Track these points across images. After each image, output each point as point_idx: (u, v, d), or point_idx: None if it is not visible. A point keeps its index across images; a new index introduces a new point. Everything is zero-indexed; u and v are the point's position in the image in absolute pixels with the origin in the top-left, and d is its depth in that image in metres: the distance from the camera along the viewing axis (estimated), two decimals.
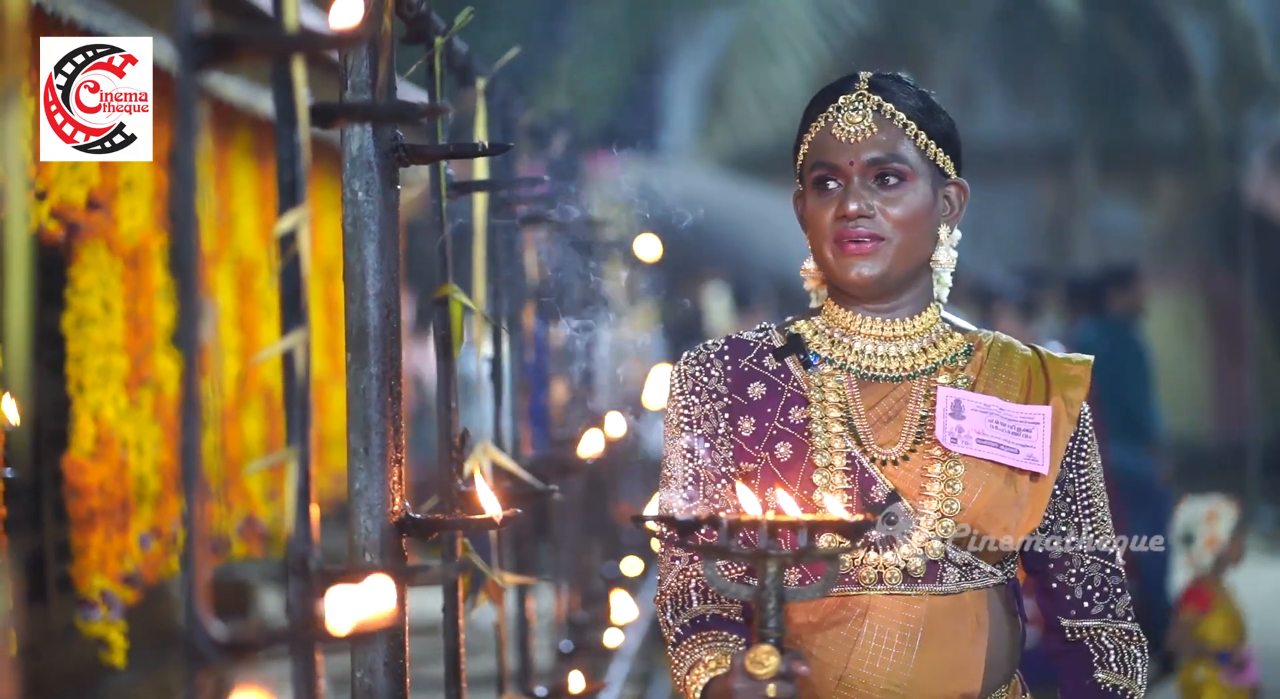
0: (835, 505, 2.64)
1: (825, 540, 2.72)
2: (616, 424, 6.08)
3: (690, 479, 2.93)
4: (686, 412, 2.95)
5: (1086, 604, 2.98)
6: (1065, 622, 2.99)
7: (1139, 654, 2.98)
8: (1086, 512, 2.98)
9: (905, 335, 2.97)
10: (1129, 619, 3.00)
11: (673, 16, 16.99)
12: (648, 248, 6.96)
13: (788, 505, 2.57)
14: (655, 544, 2.98)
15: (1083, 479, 2.98)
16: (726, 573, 2.90)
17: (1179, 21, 17.07)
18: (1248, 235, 16.95)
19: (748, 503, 2.59)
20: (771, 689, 2.47)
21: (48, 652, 5.75)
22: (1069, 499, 2.97)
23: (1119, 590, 3.00)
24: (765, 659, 2.45)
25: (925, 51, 16.84)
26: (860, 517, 2.54)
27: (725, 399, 2.94)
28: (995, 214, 18.08)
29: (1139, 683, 2.96)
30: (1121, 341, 10.29)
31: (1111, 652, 2.97)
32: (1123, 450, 9.81)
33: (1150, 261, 16.24)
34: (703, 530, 2.62)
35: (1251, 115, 17.26)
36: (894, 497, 2.85)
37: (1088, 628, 2.98)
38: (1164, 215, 18.53)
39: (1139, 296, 10.87)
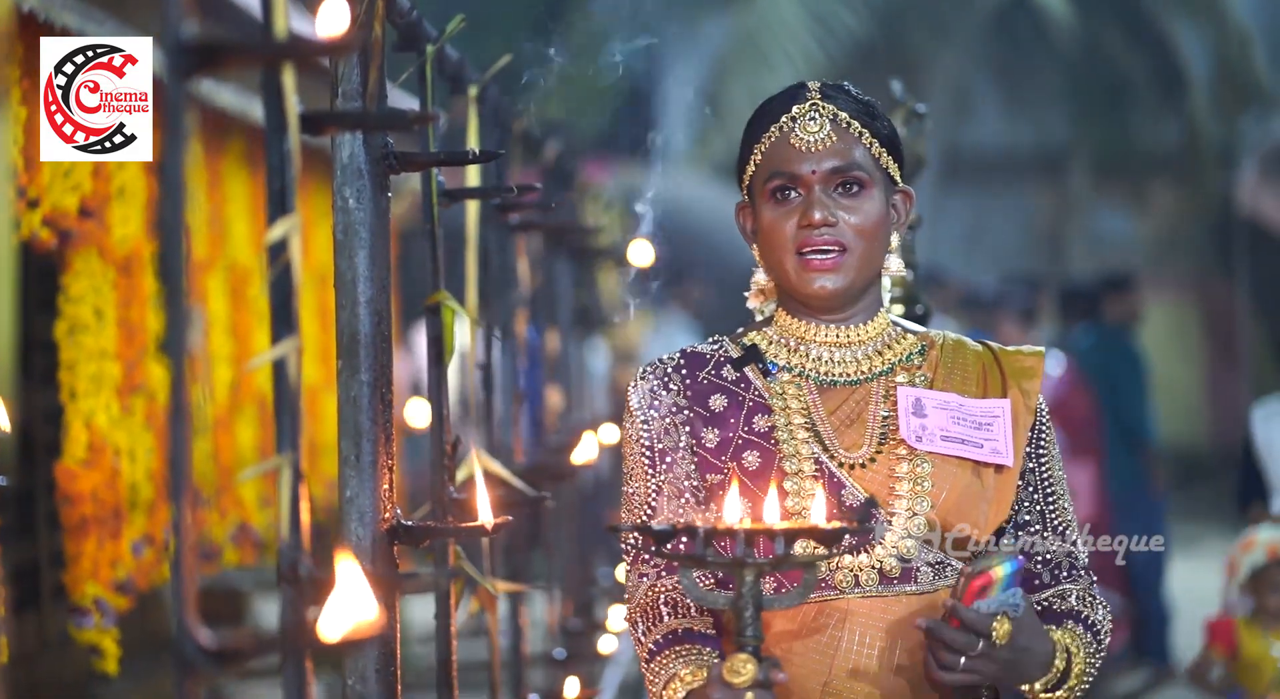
0: (818, 511, 2.65)
1: (800, 547, 2.73)
2: (610, 432, 6.09)
3: (653, 494, 2.94)
4: (646, 426, 2.95)
5: (1053, 582, 3.01)
6: (1033, 597, 3.00)
7: (1101, 608, 2.98)
8: (1049, 500, 3.00)
9: (859, 340, 2.98)
10: (1093, 588, 3.01)
11: (668, 24, 17.00)
12: (641, 253, 6.96)
13: (769, 512, 2.57)
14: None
15: (1043, 469, 3.00)
16: (699, 583, 2.91)
17: (1173, 29, 17.09)
18: (1242, 242, 16.97)
19: (730, 511, 2.59)
20: (750, 697, 2.47)
21: (41, 659, 5.74)
22: (1031, 489, 2.99)
23: (1082, 572, 3.01)
24: (742, 667, 2.46)
25: (920, 59, 16.85)
26: (837, 523, 2.54)
27: (686, 412, 2.95)
28: (990, 221, 18.11)
29: (1099, 615, 2.96)
30: (1117, 349, 10.30)
31: (1073, 595, 2.98)
32: (1117, 457, 9.83)
33: (1145, 268, 16.25)
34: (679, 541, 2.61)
35: (1246, 122, 17.27)
36: (871, 501, 2.86)
37: (1052, 593, 2.99)
38: (1159, 222, 18.55)
39: (1134, 304, 10.88)
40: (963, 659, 2.75)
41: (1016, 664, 2.79)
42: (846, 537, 2.53)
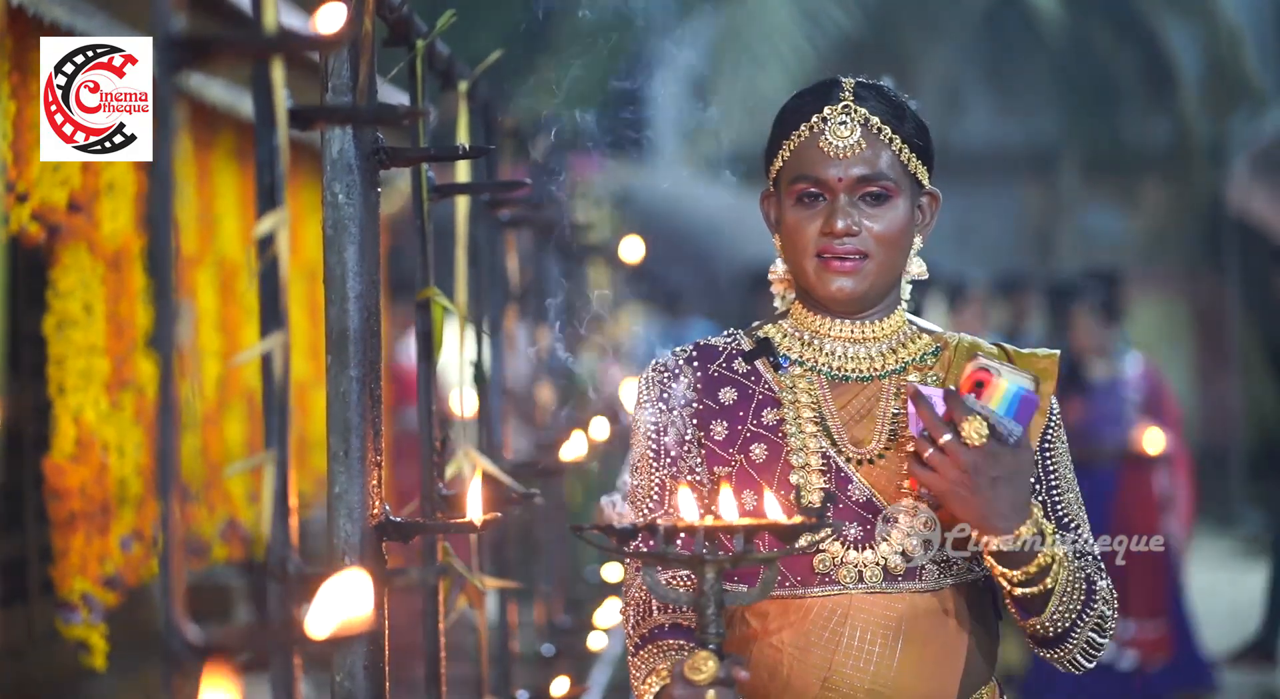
0: (773, 507, 2.64)
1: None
2: (600, 428, 6.08)
3: (655, 488, 2.94)
4: (654, 419, 2.96)
5: None
6: None
7: (1107, 582, 2.93)
8: (1055, 495, 2.98)
9: (874, 337, 2.98)
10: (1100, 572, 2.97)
11: (657, 20, 16.99)
12: (631, 250, 6.96)
13: (726, 509, 2.57)
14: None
15: (1050, 465, 2.99)
16: (687, 583, 2.91)
17: (1163, 26, 17.11)
18: (1232, 240, 16.99)
19: (686, 508, 2.59)
20: (711, 695, 2.47)
21: (28, 655, 5.73)
22: (1035, 482, 2.97)
23: (1089, 559, 2.97)
24: (703, 665, 2.46)
25: (910, 56, 16.86)
26: (798, 518, 2.54)
27: (695, 405, 2.95)
28: (979, 218, 18.11)
29: (1102, 583, 2.90)
30: None
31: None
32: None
33: (1134, 266, 16.26)
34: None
35: (1235, 120, 17.30)
36: (829, 496, 2.86)
37: None
38: (1148, 220, 18.56)
39: (1123, 301, 10.86)
40: (929, 450, 2.74)
41: (979, 490, 2.73)
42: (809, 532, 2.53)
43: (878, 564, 2.86)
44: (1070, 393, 8.66)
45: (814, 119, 2.93)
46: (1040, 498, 2.97)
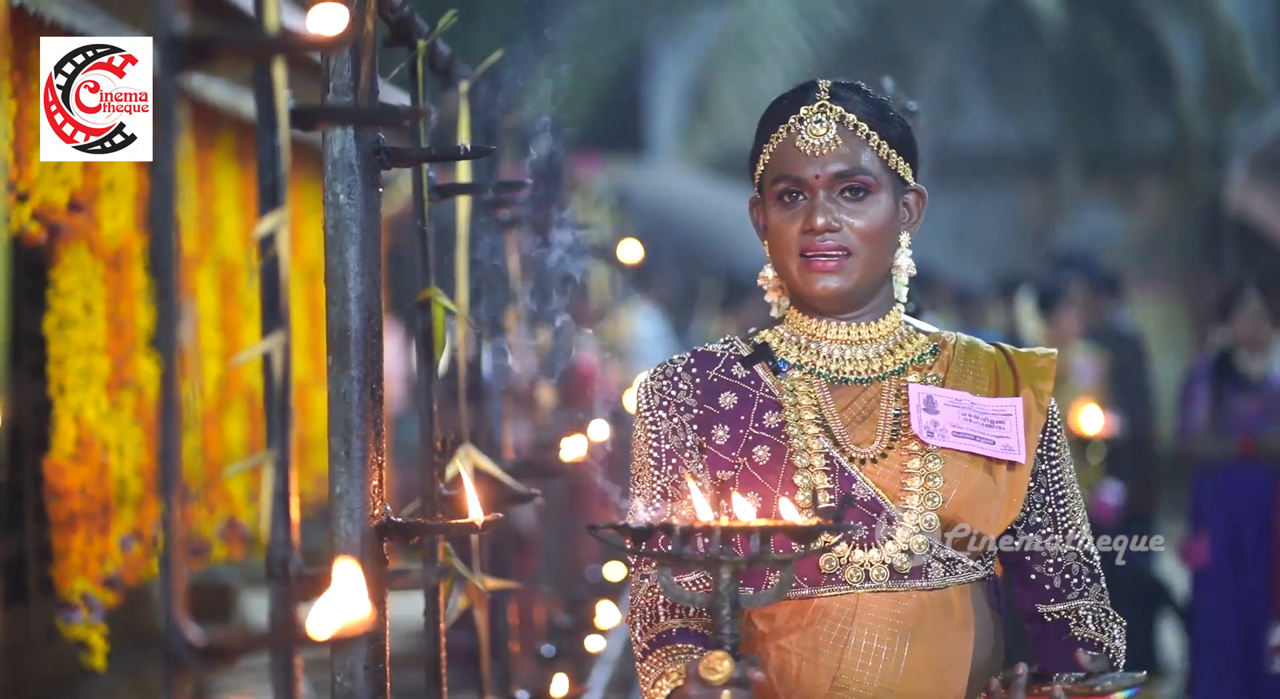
0: (789, 509, 2.64)
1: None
2: (600, 428, 6.07)
3: (657, 494, 2.94)
4: (654, 426, 2.96)
5: (1064, 591, 3.01)
6: (1043, 608, 3.03)
7: (1117, 628, 3.00)
8: (1060, 503, 3.00)
9: (871, 339, 2.99)
10: (1104, 601, 3.02)
11: (657, 19, 16.99)
12: (630, 251, 6.95)
13: (742, 510, 2.57)
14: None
15: (1054, 470, 3.00)
16: (697, 587, 2.91)
17: (1163, 27, 17.11)
18: (1231, 240, 16.99)
19: (701, 509, 2.59)
20: (726, 695, 2.47)
21: (28, 654, 5.73)
22: (1042, 490, 2.99)
23: (1089, 580, 3.02)
24: (718, 665, 2.45)
25: (909, 56, 16.85)
26: (814, 520, 2.54)
27: (695, 411, 2.95)
28: (978, 218, 18.12)
29: (1116, 644, 2.98)
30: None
31: (1089, 617, 3.00)
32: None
33: (1133, 267, 16.26)
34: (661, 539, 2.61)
35: (1235, 120, 17.30)
36: (846, 499, 2.86)
37: (1065, 609, 3.00)
38: (1147, 221, 18.56)
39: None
40: None
41: None
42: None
43: (884, 563, 2.87)
44: (1227, 388, 8.43)
45: (791, 120, 2.94)
46: (1050, 510, 2.99)
